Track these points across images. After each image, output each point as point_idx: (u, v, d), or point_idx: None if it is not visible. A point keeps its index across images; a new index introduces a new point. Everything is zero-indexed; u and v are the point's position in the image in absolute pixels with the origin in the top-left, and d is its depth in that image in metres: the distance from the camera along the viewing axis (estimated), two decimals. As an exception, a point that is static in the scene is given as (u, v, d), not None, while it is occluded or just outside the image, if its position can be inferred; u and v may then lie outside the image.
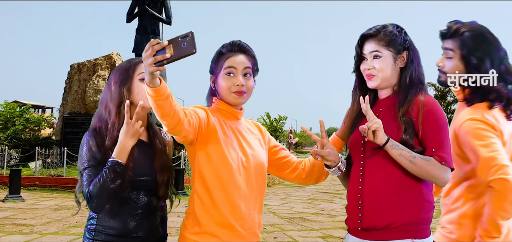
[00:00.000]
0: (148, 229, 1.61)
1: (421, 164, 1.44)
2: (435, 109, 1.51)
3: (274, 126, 43.66)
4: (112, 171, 1.48)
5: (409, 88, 1.56)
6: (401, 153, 1.45)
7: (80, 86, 14.40)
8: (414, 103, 1.52)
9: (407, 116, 1.51)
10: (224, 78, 1.59)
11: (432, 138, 1.48)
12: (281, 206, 8.43)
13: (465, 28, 1.77)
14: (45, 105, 43.36)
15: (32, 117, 23.12)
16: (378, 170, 1.53)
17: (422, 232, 1.49)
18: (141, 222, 1.59)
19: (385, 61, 1.58)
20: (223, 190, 1.51)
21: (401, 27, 1.63)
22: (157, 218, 1.67)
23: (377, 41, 1.58)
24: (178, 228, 6.14)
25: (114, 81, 1.65)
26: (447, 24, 1.84)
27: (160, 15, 15.22)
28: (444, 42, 1.83)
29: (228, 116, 1.63)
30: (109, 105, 1.63)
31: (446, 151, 1.47)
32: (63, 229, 6.03)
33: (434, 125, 1.49)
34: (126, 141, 1.53)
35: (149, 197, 1.62)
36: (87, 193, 1.48)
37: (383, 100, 1.63)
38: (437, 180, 1.47)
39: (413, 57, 1.60)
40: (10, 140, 17.58)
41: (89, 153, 1.55)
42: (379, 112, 1.60)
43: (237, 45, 1.63)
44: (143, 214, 1.59)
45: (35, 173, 11.53)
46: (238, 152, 1.57)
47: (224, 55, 1.61)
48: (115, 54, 14.53)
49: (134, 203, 1.58)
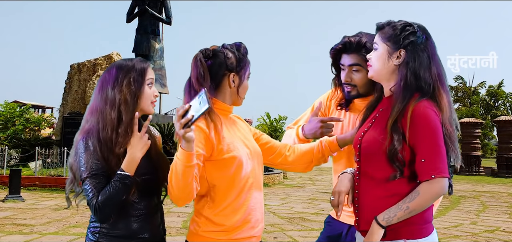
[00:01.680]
0: (152, 229, 1.61)
1: (416, 204, 1.41)
2: (423, 116, 1.43)
3: (274, 126, 43.64)
4: (122, 184, 1.48)
5: (401, 92, 1.49)
6: (398, 217, 1.42)
7: (80, 86, 14.41)
8: (405, 110, 1.46)
9: (398, 124, 1.45)
10: (247, 81, 1.68)
11: (421, 147, 1.42)
12: (281, 206, 8.43)
13: (366, 38, 1.81)
14: (45, 105, 43.34)
15: (32, 117, 23.12)
16: (371, 170, 1.52)
17: (416, 232, 1.46)
18: (144, 223, 1.59)
19: (377, 54, 1.57)
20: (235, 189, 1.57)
21: (416, 25, 1.54)
22: (158, 216, 1.67)
23: (380, 34, 1.58)
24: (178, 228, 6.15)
25: (127, 83, 1.58)
26: (344, 40, 1.85)
27: (160, 15, 15.22)
28: (345, 58, 1.86)
29: (226, 115, 1.67)
30: (120, 108, 1.56)
31: (436, 160, 1.41)
32: (63, 229, 6.02)
33: (423, 133, 1.42)
34: (136, 153, 1.53)
35: (150, 196, 1.62)
36: (96, 204, 1.46)
37: (385, 100, 1.61)
38: (437, 197, 1.43)
39: (412, 59, 1.50)
40: (10, 140, 17.59)
41: (91, 159, 1.50)
42: (379, 113, 1.59)
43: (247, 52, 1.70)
44: (145, 214, 1.59)
45: (35, 173, 11.53)
46: (243, 147, 1.62)
47: (247, 60, 1.68)
48: (115, 54, 14.53)
49: (136, 204, 1.58)
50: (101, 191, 1.48)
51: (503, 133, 19.79)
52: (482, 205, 9.79)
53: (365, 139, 1.56)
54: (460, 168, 20.70)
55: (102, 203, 1.46)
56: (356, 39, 1.82)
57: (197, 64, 1.59)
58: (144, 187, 1.58)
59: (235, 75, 1.63)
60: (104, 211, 1.47)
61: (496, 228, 6.90)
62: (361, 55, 1.80)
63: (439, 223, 7.16)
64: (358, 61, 1.82)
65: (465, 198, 11.03)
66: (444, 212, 8.48)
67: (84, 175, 1.49)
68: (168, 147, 10.92)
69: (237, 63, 1.63)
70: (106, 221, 1.53)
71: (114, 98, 1.57)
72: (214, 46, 1.65)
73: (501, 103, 44.56)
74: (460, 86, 44.80)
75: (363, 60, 1.78)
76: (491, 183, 15.86)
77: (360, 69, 1.83)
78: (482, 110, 43.83)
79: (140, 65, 1.64)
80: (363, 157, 1.55)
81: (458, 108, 43.79)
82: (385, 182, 1.47)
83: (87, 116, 1.60)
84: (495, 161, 23.19)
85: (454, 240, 5.95)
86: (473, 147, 20.37)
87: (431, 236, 1.50)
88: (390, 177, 1.46)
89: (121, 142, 1.54)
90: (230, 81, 1.63)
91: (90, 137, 1.53)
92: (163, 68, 15.39)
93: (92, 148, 1.52)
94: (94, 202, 1.47)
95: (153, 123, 12.77)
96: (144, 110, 1.65)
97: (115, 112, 1.56)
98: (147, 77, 1.63)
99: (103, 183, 1.50)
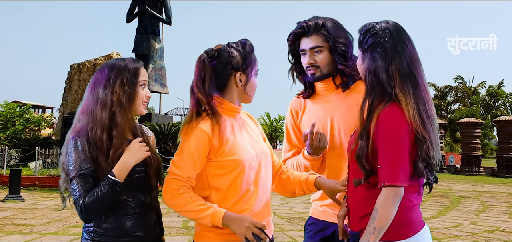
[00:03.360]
0: (146, 228, 1.61)
1: (379, 220, 1.40)
2: (385, 123, 1.42)
3: (274, 126, 43.63)
4: (111, 189, 1.48)
5: (366, 96, 1.50)
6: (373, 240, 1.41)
7: (80, 86, 14.40)
8: (373, 113, 1.46)
9: (367, 129, 1.45)
10: (254, 77, 1.67)
11: (380, 155, 1.42)
12: (281, 206, 8.43)
13: (322, 20, 1.84)
14: (45, 105, 43.36)
15: (32, 117, 23.13)
16: (355, 173, 1.52)
17: (399, 233, 1.44)
18: (138, 221, 1.59)
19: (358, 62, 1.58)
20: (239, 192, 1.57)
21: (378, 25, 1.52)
22: (153, 215, 1.67)
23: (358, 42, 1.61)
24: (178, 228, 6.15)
25: (120, 84, 1.57)
26: (301, 24, 1.86)
27: (160, 15, 15.21)
28: (305, 42, 1.86)
29: (234, 115, 1.66)
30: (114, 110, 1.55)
31: (390, 168, 1.40)
32: (63, 229, 6.02)
33: (382, 140, 1.42)
34: (129, 160, 1.53)
35: (143, 194, 1.61)
36: (82, 205, 1.47)
37: None
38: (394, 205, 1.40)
39: (371, 61, 1.50)
40: (10, 140, 17.59)
41: (80, 159, 1.51)
42: None
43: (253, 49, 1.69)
44: (139, 212, 1.59)
45: (35, 173, 11.53)
46: (249, 150, 1.61)
47: (254, 57, 1.66)
48: (115, 54, 14.52)
49: (129, 202, 1.58)
50: (89, 192, 1.48)
51: (503, 133, 19.78)
52: (482, 205, 9.79)
53: (350, 142, 1.59)
54: (460, 168, 20.72)
55: (88, 204, 1.47)
56: (313, 21, 1.85)
57: (200, 66, 1.58)
58: (135, 185, 1.58)
59: (242, 73, 1.62)
60: (89, 213, 1.48)
61: (496, 228, 6.89)
62: (321, 34, 1.83)
63: (439, 223, 7.16)
64: (319, 43, 1.84)
65: (465, 198, 11.03)
66: (444, 212, 8.48)
67: (71, 174, 1.50)
68: (168, 147, 10.92)
69: (243, 62, 1.62)
70: (91, 221, 1.56)
71: (106, 98, 1.56)
72: (219, 46, 1.64)
73: (501, 103, 44.55)
74: (460, 86, 44.77)
75: (323, 40, 1.82)
76: (491, 183, 15.85)
77: (321, 50, 1.85)
78: (482, 110, 43.82)
79: (133, 66, 1.62)
80: (349, 158, 1.58)
81: (458, 108, 43.80)
82: (362, 185, 1.48)
83: (79, 115, 1.60)
84: (495, 161, 23.19)
85: (454, 240, 5.95)
86: (473, 147, 20.37)
87: (418, 236, 1.48)
88: (354, 181, 1.49)
89: (117, 145, 1.54)
90: (237, 80, 1.62)
91: (80, 137, 1.54)
92: (163, 68, 15.39)
93: (80, 147, 1.52)
94: (80, 202, 1.47)
95: (153, 123, 12.77)
96: (136, 111, 1.64)
97: (106, 113, 1.55)
98: (140, 78, 1.62)
99: (90, 183, 1.50)
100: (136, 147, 1.55)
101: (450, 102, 45.14)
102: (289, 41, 1.92)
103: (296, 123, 2.03)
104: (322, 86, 1.93)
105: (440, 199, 10.45)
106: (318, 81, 1.91)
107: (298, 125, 2.03)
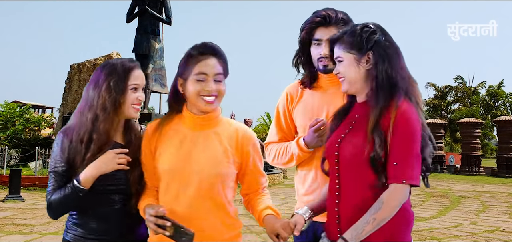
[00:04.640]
0: (127, 228, 1.61)
1: (382, 214, 1.37)
2: (406, 121, 1.40)
3: (274, 126, 43.48)
4: (74, 193, 1.50)
5: (377, 95, 1.45)
6: (366, 231, 1.38)
7: (80, 86, 14.41)
8: (387, 111, 1.42)
9: (380, 129, 1.41)
10: (193, 83, 1.54)
11: (396, 151, 1.38)
12: (281, 206, 8.42)
13: (341, 14, 1.83)
14: (45, 105, 43.30)
15: (32, 117, 23.10)
16: (354, 183, 1.46)
17: (404, 232, 1.46)
18: (120, 221, 1.59)
19: (345, 65, 1.52)
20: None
21: (371, 25, 1.50)
22: (135, 217, 1.61)
23: (339, 46, 1.54)
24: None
25: (106, 87, 1.55)
26: (321, 13, 1.82)
27: (160, 15, 15.21)
28: (321, 32, 1.81)
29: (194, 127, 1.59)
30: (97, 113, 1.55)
31: (409, 166, 1.38)
32: (63, 229, 6.02)
33: (401, 137, 1.38)
34: (93, 170, 1.51)
35: (125, 196, 1.60)
36: (48, 201, 1.54)
37: (359, 105, 1.56)
38: (400, 204, 1.39)
39: (380, 59, 1.46)
40: (10, 140, 17.57)
41: (59, 156, 1.56)
42: (355, 119, 1.54)
43: (209, 47, 1.56)
44: (120, 213, 1.59)
45: (35, 173, 11.52)
46: (172, 164, 1.56)
47: (195, 59, 1.55)
48: (115, 54, 14.54)
49: (111, 202, 1.58)
50: (56, 190, 1.52)
51: (503, 133, 19.77)
52: (482, 205, 9.79)
53: (343, 146, 1.50)
54: (460, 168, 20.71)
55: (52, 202, 1.52)
56: (333, 13, 1.83)
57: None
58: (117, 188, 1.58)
59: (181, 79, 1.58)
60: (52, 210, 1.55)
61: (496, 228, 6.89)
62: (339, 26, 1.79)
63: (439, 223, 7.16)
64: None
65: (465, 198, 11.02)
66: (444, 212, 8.48)
67: (49, 169, 1.57)
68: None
69: (180, 68, 1.59)
70: (55, 218, 1.61)
71: (93, 101, 1.57)
72: None
73: (501, 103, 44.50)
74: (460, 86, 44.72)
75: None
76: (491, 183, 15.85)
77: None
78: (482, 110, 43.78)
79: (124, 68, 1.59)
80: (342, 164, 1.49)
81: (458, 108, 43.76)
82: (369, 189, 1.43)
83: (73, 114, 1.64)
84: (495, 161, 23.17)
85: (454, 240, 5.95)
86: (473, 147, 20.36)
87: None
88: (378, 184, 1.42)
89: (94, 150, 1.53)
90: (179, 87, 1.60)
91: (66, 136, 1.58)
92: (163, 68, 15.38)
93: (61, 146, 1.56)
94: (48, 197, 1.54)
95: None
96: (124, 115, 1.62)
97: (91, 116, 1.56)
98: (131, 82, 1.59)
99: (62, 182, 1.53)
100: (109, 157, 1.53)
101: (450, 102, 45.09)
102: (305, 30, 1.87)
103: (289, 108, 2.01)
104: (327, 79, 1.91)
105: (440, 199, 10.45)
106: (327, 74, 1.89)
107: (290, 110, 2.01)
